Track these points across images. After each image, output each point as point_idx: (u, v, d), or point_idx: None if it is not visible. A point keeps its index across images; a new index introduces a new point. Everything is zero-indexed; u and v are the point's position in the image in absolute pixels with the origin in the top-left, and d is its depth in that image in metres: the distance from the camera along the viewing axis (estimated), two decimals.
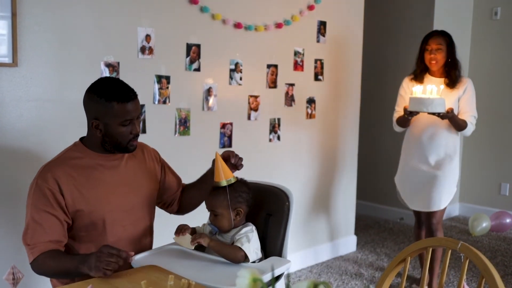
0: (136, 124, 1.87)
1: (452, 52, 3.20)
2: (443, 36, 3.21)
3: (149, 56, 2.76)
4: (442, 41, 3.19)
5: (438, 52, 3.17)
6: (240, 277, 0.80)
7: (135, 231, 1.95)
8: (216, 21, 3.06)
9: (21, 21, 2.31)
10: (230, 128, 3.20)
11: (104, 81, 1.88)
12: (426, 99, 3.04)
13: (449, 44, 3.19)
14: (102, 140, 1.86)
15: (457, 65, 3.21)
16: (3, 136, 2.31)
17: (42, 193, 1.78)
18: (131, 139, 1.87)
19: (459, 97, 3.19)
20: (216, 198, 1.89)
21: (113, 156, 1.92)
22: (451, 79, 3.18)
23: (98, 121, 1.83)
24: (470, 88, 3.22)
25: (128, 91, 1.84)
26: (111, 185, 1.89)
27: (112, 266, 1.56)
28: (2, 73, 2.29)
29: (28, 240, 1.77)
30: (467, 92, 3.20)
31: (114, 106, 1.80)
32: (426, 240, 1.54)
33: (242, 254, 1.80)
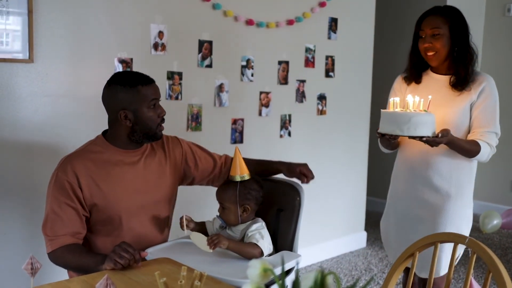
0: (161, 106, 1.93)
1: (459, 37, 2.19)
2: (443, 15, 2.20)
3: (161, 52, 2.80)
4: (441, 23, 2.18)
5: (435, 39, 2.18)
6: (251, 267, 0.83)
7: (152, 226, 1.98)
8: (228, 17, 3.08)
9: (37, 17, 2.36)
10: (241, 124, 3.23)
11: (121, 73, 1.96)
12: (400, 115, 2.03)
13: (453, 26, 2.18)
14: (131, 130, 1.89)
15: (469, 57, 2.19)
16: (20, 130, 2.36)
17: (62, 185, 1.83)
18: (159, 123, 1.92)
19: (471, 103, 2.18)
20: (226, 192, 1.93)
21: (134, 152, 1.95)
22: (459, 76, 2.18)
23: (126, 111, 1.86)
24: (489, 91, 2.17)
25: (145, 75, 1.92)
26: (129, 181, 1.92)
27: (123, 260, 1.59)
28: (19, 69, 2.34)
29: (47, 231, 1.82)
30: (484, 97, 2.16)
31: (140, 89, 1.86)
32: (434, 235, 1.56)
33: (259, 251, 1.84)
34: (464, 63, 2.19)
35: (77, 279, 1.55)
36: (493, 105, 2.18)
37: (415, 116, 2.00)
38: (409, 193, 2.27)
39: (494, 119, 2.18)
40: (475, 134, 2.17)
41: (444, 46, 2.19)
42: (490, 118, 2.17)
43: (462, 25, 2.21)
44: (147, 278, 1.55)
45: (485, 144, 2.14)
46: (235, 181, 1.92)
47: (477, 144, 2.13)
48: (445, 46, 2.19)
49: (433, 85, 2.27)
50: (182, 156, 2.09)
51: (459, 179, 2.20)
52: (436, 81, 2.28)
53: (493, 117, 2.18)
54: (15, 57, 2.33)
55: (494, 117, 2.18)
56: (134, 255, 1.62)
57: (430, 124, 2.02)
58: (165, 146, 2.06)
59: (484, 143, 2.14)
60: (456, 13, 2.24)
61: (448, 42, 2.19)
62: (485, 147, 2.15)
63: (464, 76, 2.19)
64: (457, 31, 2.19)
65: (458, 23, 2.20)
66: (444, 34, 2.18)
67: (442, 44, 2.19)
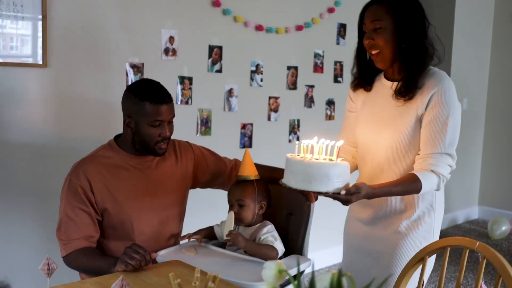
0: (166, 127, 1.89)
1: (406, 31, 1.73)
2: (386, 4, 1.74)
3: (172, 57, 2.83)
4: (383, 14, 1.73)
5: (377, 34, 1.74)
6: (266, 268, 0.84)
7: (164, 230, 2.00)
8: (238, 23, 3.11)
9: (51, 23, 2.40)
10: (250, 128, 3.25)
11: (142, 82, 1.94)
12: (296, 163, 1.64)
13: (398, 16, 1.73)
14: (132, 139, 1.91)
15: (417, 56, 1.74)
16: (33, 134, 2.40)
17: (75, 190, 1.85)
18: (159, 141, 1.89)
19: (419, 116, 1.74)
20: (246, 189, 1.95)
21: (145, 158, 1.96)
22: (406, 81, 1.75)
23: (130, 119, 1.88)
24: (440, 99, 1.70)
25: (163, 94, 1.88)
26: (140, 186, 1.94)
27: (134, 262, 1.61)
28: (33, 74, 2.37)
29: (61, 235, 1.84)
30: (433, 107, 1.71)
31: (146, 105, 1.84)
32: (444, 240, 1.57)
33: (276, 253, 1.85)
34: (411, 65, 1.73)
35: (90, 280, 1.57)
36: (445, 118, 1.69)
37: (312, 167, 1.59)
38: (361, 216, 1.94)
39: (443, 136, 1.68)
40: (418, 159, 1.72)
41: (387, 43, 1.73)
42: (439, 135, 1.69)
43: (411, 15, 1.73)
44: (159, 280, 1.56)
45: (428, 176, 1.68)
46: (250, 180, 1.94)
47: (415, 180, 1.66)
48: (389, 43, 1.73)
49: (382, 95, 1.83)
50: (193, 161, 2.11)
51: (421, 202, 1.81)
52: (386, 89, 1.83)
53: (443, 133, 1.69)
54: (29, 61, 2.36)
55: (444, 134, 1.69)
56: (145, 256, 1.63)
57: (332, 178, 1.59)
58: (177, 150, 2.08)
59: (428, 173, 1.68)
60: (406, 1, 1.76)
61: (392, 37, 1.73)
62: (429, 179, 1.68)
63: (409, 79, 1.73)
64: (403, 23, 1.72)
65: (405, 12, 1.73)
66: (387, 27, 1.72)
67: (384, 39, 1.73)
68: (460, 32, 4.80)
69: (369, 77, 1.88)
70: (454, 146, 1.71)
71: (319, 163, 1.60)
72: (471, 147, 5.21)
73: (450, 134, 1.70)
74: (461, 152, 5.09)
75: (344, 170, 1.62)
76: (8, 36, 2.31)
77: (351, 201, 1.62)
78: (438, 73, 1.77)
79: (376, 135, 1.82)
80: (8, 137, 2.34)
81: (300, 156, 1.65)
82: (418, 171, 1.69)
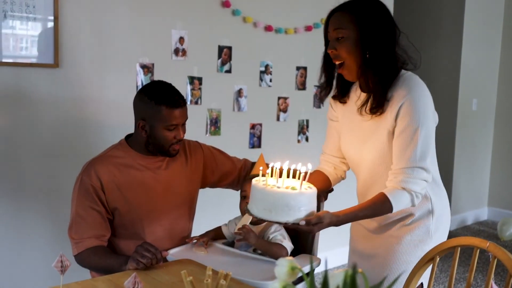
0: (181, 130, 1.91)
1: (371, 40, 1.59)
2: (349, 11, 1.62)
3: (182, 57, 2.84)
4: (346, 22, 1.60)
5: (339, 44, 1.62)
6: (278, 265, 0.85)
7: (174, 230, 2.01)
8: (247, 24, 3.12)
9: (62, 23, 2.42)
10: (259, 128, 3.26)
11: (156, 84, 1.93)
12: (258, 191, 1.58)
13: (361, 25, 1.59)
14: (146, 141, 1.92)
15: (386, 64, 1.61)
16: (44, 134, 2.42)
17: (86, 189, 1.87)
18: (174, 143, 1.91)
19: (390, 127, 1.64)
20: None
21: (155, 158, 1.97)
22: (373, 95, 1.64)
23: (145, 122, 1.88)
24: (409, 109, 1.59)
25: (178, 97, 1.89)
26: (151, 186, 1.95)
27: (145, 260, 1.62)
28: (44, 74, 2.39)
29: (73, 234, 1.86)
30: (402, 117, 1.60)
31: (162, 110, 1.84)
32: (454, 240, 1.57)
33: (286, 252, 1.85)
34: (378, 77, 1.60)
35: (102, 278, 1.59)
36: (414, 129, 1.58)
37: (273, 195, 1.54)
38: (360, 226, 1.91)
39: (414, 149, 1.57)
40: (390, 174, 1.63)
41: (350, 53, 1.61)
42: (409, 148, 1.58)
43: (376, 23, 1.60)
44: (170, 278, 1.58)
45: (399, 194, 1.59)
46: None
47: (384, 200, 1.58)
48: (352, 53, 1.61)
49: (355, 109, 1.73)
50: (202, 160, 2.12)
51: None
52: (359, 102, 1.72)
53: (414, 146, 1.57)
54: (40, 62, 2.38)
55: (414, 146, 1.57)
56: (156, 254, 1.64)
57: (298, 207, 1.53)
58: (186, 150, 2.09)
59: (399, 191, 1.59)
60: (370, 6, 1.62)
61: (355, 47, 1.60)
62: (400, 198, 1.59)
63: (375, 93, 1.62)
64: (367, 32, 1.59)
65: (369, 21, 1.59)
66: (350, 36, 1.59)
67: (346, 50, 1.61)
68: (470, 32, 4.78)
69: (342, 89, 1.77)
70: (427, 158, 1.60)
71: (279, 192, 1.53)
72: (481, 148, 5.19)
73: (421, 146, 1.58)
74: (470, 152, 5.09)
75: (307, 199, 1.55)
76: (20, 37, 2.33)
77: (313, 231, 1.57)
78: (409, 80, 1.63)
79: (359, 150, 1.75)
80: (20, 137, 2.36)
81: (263, 183, 1.58)
82: (389, 190, 1.60)
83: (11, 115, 2.33)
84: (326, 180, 1.90)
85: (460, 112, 4.85)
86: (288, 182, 1.60)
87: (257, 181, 1.62)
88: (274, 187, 1.56)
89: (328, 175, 1.90)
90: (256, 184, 1.60)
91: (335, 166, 1.91)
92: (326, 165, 1.92)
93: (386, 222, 1.78)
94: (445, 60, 4.85)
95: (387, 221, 1.78)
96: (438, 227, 1.75)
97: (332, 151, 1.91)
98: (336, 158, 1.91)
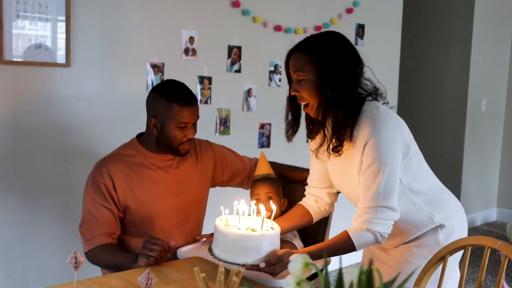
0: (191, 129, 1.92)
1: (331, 81, 1.54)
2: (308, 52, 1.56)
3: (192, 57, 2.86)
4: (305, 64, 1.56)
5: (301, 86, 1.59)
6: (293, 261, 0.86)
7: (184, 228, 2.03)
8: (257, 23, 3.13)
9: (74, 23, 2.44)
10: (268, 128, 3.27)
11: (170, 83, 1.95)
12: (219, 232, 1.58)
13: (320, 66, 1.54)
14: (157, 140, 1.93)
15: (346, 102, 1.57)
16: (56, 132, 2.44)
17: (98, 188, 1.88)
18: (184, 142, 1.92)
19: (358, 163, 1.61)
20: (272, 184, 2.01)
21: (166, 156, 1.98)
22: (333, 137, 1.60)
23: (156, 120, 1.89)
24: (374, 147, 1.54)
25: (190, 96, 1.90)
26: (161, 184, 1.96)
27: (154, 253, 1.64)
28: (56, 73, 2.42)
29: (84, 231, 1.88)
30: (366, 155, 1.56)
31: (173, 107, 1.85)
32: (465, 239, 1.57)
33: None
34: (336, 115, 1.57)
35: (114, 275, 1.60)
36: (378, 169, 1.53)
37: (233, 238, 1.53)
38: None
39: (377, 188, 1.54)
40: (357, 211, 1.62)
41: (311, 95, 1.57)
42: (372, 187, 1.55)
43: (335, 62, 1.54)
44: (182, 276, 1.59)
45: (362, 235, 1.58)
46: (272, 178, 2.01)
47: (346, 240, 1.58)
48: (313, 95, 1.57)
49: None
50: (213, 159, 2.13)
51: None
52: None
53: (376, 185, 1.54)
54: (52, 61, 2.41)
55: (377, 186, 1.54)
56: (164, 245, 1.67)
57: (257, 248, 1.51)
58: (197, 149, 2.10)
59: (362, 232, 1.58)
60: (328, 43, 1.57)
61: (316, 89, 1.56)
62: (363, 238, 1.58)
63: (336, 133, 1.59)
64: (326, 73, 1.54)
65: (328, 59, 1.54)
66: (309, 79, 1.55)
67: (307, 92, 1.57)
68: (479, 33, 4.76)
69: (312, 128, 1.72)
70: (391, 197, 1.55)
71: (238, 234, 1.52)
72: (490, 148, 5.17)
73: (385, 186, 1.54)
74: (480, 153, 5.07)
75: (267, 241, 1.53)
76: (32, 36, 2.35)
77: (275, 271, 1.52)
78: (372, 116, 1.57)
79: (343, 186, 1.74)
80: (32, 135, 2.39)
81: (224, 224, 1.58)
82: (353, 229, 1.59)
83: (23, 114, 2.36)
84: (306, 215, 1.85)
85: (469, 112, 4.83)
86: (250, 222, 1.59)
87: (220, 220, 1.61)
88: (235, 228, 1.55)
89: (310, 209, 1.85)
90: (218, 224, 1.59)
91: (317, 198, 1.85)
92: (308, 198, 1.88)
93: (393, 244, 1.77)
94: (454, 61, 4.84)
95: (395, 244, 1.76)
96: (450, 235, 1.74)
97: (314, 183, 1.85)
98: (319, 189, 1.85)
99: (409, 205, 1.65)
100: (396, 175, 1.57)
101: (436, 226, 1.71)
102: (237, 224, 1.58)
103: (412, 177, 1.66)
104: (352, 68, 1.57)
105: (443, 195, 1.77)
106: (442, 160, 4.90)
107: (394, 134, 1.57)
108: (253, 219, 1.62)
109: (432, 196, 1.72)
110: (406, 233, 1.71)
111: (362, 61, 1.63)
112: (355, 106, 1.59)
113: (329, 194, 1.84)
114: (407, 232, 1.71)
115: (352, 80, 1.58)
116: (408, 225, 1.69)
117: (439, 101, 4.95)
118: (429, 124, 5.03)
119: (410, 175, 1.65)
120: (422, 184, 1.69)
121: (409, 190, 1.66)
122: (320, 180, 1.83)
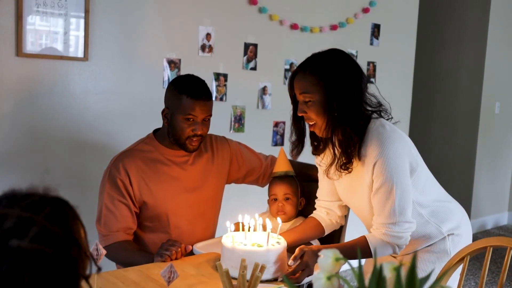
0: (200, 124, 1.88)
1: (337, 99, 1.56)
2: (313, 73, 1.57)
3: (208, 54, 2.86)
4: (311, 85, 1.57)
5: (308, 107, 1.59)
6: (323, 256, 0.85)
7: (199, 224, 2.03)
8: (274, 21, 3.13)
9: (93, 18, 2.45)
10: (283, 127, 3.26)
11: (187, 76, 1.96)
12: (226, 250, 1.61)
13: (327, 86, 1.55)
14: (168, 131, 1.93)
15: (354, 119, 1.58)
16: (73, 126, 2.45)
17: (115, 183, 1.89)
18: (191, 137, 1.89)
19: (369, 182, 1.63)
20: (291, 184, 1.98)
21: (182, 152, 1.98)
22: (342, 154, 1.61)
23: (168, 110, 1.91)
24: (383, 168, 1.56)
25: (203, 91, 1.89)
26: (177, 180, 1.96)
27: (169, 252, 1.67)
28: (74, 67, 2.42)
29: (101, 227, 1.89)
30: (376, 176, 1.59)
31: (183, 98, 1.86)
32: (486, 240, 1.56)
33: None
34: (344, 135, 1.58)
35: (132, 269, 1.61)
36: (389, 188, 1.56)
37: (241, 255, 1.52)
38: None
39: (392, 206, 1.57)
40: (373, 225, 1.65)
41: (319, 115, 1.58)
42: (387, 205, 1.57)
43: (341, 79, 1.55)
44: (200, 271, 1.59)
45: (380, 244, 1.60)
46: (291, 176, 1.98)
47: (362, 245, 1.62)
48: (321, 115, 1.58)
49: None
50: (229, 156, 2.13)
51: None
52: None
53: (391, 203, 1.57)
54: (71, 55, 2.41)
55: (392, 204, 1.57)
56: (181, 247, 1.70)
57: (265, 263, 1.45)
58: (213, 145, 2.10)
59: (381, 242, 1.60)
60: (332, 62, 1.58)
61: (323, 109, 1.57)
62: (381, 247, 1.60)
63: (344, 152, 1.60)
64: (332, 93, 1.55)
65: (333, 78, 1.55)
66: (316, 100, 1.56)
67: (315, 113, 1.58)
68: (494, 35, 4.73)
69: (318, 144, 1.74)
70: (406, 212, 1.59)
71: (244, 250, 1.55)
72: (502, 151, 5.13)
73: (400, 203, 1.57)
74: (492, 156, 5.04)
75: (273, 256, 1.57)
76: (51, 30, 2.36)
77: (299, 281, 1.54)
78: (378, 135, 1.59)
79: (352, 202, 1.77)
80: (49, 129, 2.39)
81: (231, 240, 1.61)
82: (372, 237, 1.62)
83: (41, 107, 2.37)
84: (317, 226, 1.86)
85: (482, 115, 4.80)
86: (257, 237, 1.63)
87: (227, 237, 1.64)
88: (241, 244, 1.59)
89: (321, 221, 1.86)
90: (225, 242, 1.62)
91: (328, 211, 1.87)
92: (319, 211, 1.89)
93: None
94: (468, 63, 4.81)
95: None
96: (458, 242, 1.75)
97: (324, 196, 1.87)
98: (329, 203, 1.86)
99: (417, 218, 1.67)
100: (409, 191, 1.60)
101: (443, 237, 1.73)
102: (243, 240, 1.61)
103: (420, 192, 1.69)
104: (357, 85, 1.58)
105: (448, 204, 1.79)
106: (454, 163, 4.87)
107: (402, 153, 1.59)
108: (260, 234, 1.65)
109: (437, 207, 1.74)
110: (415, 243, 1.73)
111: (366, 76, 1.65)
112: (362, 124, 1.60)
113: (339, 206, 1.85)
114: (416, 242, 1.73)
115: (358, 96, 1.59)
116: (417, 236, 1.71)
117: (453, 103, 4.92)
118: (442, 126, 5.00)
119: (418, 190, 1.68)
120: (428, 196, 1.72)
121: (417, 204, 1.68)
122: (329, 194, 1.85)
